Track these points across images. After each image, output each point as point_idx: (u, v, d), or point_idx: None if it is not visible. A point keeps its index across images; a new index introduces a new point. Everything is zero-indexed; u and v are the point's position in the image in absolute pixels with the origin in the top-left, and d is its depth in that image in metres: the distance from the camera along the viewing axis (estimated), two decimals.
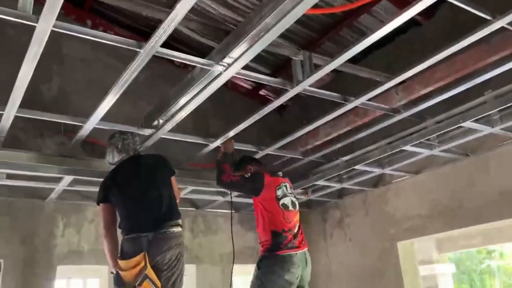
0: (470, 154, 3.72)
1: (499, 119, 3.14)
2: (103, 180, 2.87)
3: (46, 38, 1.92)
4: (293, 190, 3.36)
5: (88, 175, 3.32)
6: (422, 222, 4.04)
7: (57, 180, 3.41)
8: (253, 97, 5.41)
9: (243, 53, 2.23)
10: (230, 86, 5.12)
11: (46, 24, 1.83)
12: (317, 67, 2.55)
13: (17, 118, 2.69)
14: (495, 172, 3.57)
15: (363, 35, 4.14)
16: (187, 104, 2.77)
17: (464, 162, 3.77)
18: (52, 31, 1.90)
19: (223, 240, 4.62)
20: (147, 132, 3.14)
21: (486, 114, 2.99)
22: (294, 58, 2.58)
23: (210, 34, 4.41)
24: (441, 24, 3.82)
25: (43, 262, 3.70)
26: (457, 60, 2.65)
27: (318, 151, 3.74)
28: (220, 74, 2.42)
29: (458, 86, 2.76)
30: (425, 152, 3.57)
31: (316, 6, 2.01)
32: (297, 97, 2.89)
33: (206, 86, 2.56)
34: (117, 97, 2.53)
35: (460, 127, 3.16)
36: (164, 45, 2.13)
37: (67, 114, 3.07)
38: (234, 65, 2.31)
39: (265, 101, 5.36)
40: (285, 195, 3.18)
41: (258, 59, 3.89)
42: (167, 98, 2.95)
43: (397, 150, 3.45)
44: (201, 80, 2.53)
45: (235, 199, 3.97)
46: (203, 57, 2.38)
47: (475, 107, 3.00)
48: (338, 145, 3.62)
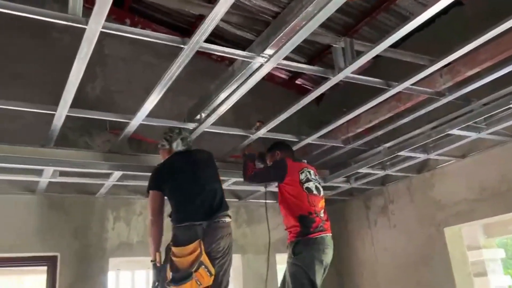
0: None
1: None
2: (155, 169, 3.04)
3: (96, 39, 1.99)
4: (318, 178, 3.47)
5: (135, 170, 3.43)
6: (469, 207, 3.94)
7: (107, 176, 3.54)
8: (289, 87, 5.41)
9: (284, 43, 2.23)
10: (267, 77, 5.05)
11: (96, 25, 1.89)
12: (358, 53, 2.52)
13: (66, 117, 2.80)
14: None
15: (402, 18, 4.13)
16: (229, 97, 2.81)
17: None
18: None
19: (266, 229, 4.68)
20: (190, 126, 3.20)
21: None
22: (334, 45, 2.56)
23: (246, 26, 4.43)
24: (482, 3, 3.68)
25: (96, 255, 3.86)
26: (501, 41, 2.55)
27: (359, 138, 3.69)
28: (261, 66, 2.43)
29: (504, 67, 2.65)
30: (472, 135, 3.47)
31: None
32: (334, 84, 2.87)
33: (248, 78, 2.58)
34: (162, 93, 2.59)
35: (509, 108, 3.05)
36: None
37: (110, 112, 3.18)
38: (275, 56, 2.32)
39: (302, 90, 5.35)
40: (308, 180, 3.30)
41: (293, 48, 3.88)
42: (209, 92, 2.99)
43: (443, 134, 3.37)
44: (242, 72, 2.55)
45: (274, 189, 4.02)
46: (238, 49, 2.39)
47: None
48: (380, 132, 3.57)
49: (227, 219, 2.86)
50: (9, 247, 3.60)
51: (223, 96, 2.84)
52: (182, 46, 2.17)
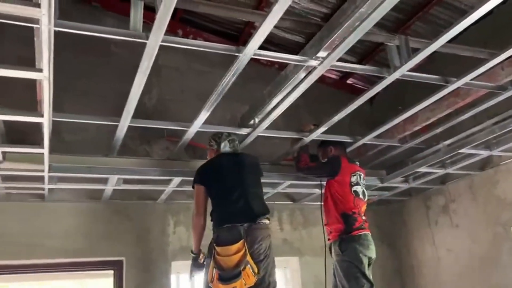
0: None
1: None
2: (202, 165, 3.17)
3: (155, 53, 2.08)
4: (365, 182, 3.58)
5: (193, 175, 3.52)
6: None
7: (167, 182, 3.67)
8: (340, 87, 5.35)
9: (338, 45, 2.23)
10: (317, 78, 5.10)
11: (156, 39, 1.97)
12: (413, 50, 2.47)
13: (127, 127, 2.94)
14: None
15: (456, 11, 3.99)
16: (282, 101, 2.83)
17: None
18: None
19: (322, 231, 4.66)
20: (244, 131, 3.25)
21: None
22: (389, 43, 2.52)
23: (294, 30, 4.45)
24: None
25: (159, 259, 4.00)
26: None
27: (417, 136, 3.60)
28: (314, 69, 2.44)
29: None
30: None
31: None
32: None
33: (301, 82, 2.60)
34: (217, 101, 2.66)
35: None
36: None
37: (166, 120, 3.30)
38: (328, 58, 2.32)
39: (353, 90, 5.29)
40: (357, 183, 3.42)
41: None
42: (262, 97, 3.04)
43: (506, 130, 3.22)
44: (295, 76, 2.57)
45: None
46: (286, 52, 2.41)
47: None
48: (439, 129, 3.46)
49: (267, 221, 2.96)
50: (78, 252, 3.79)
51: (276, 100, 2.87)
52: (237, 54, 2.22)
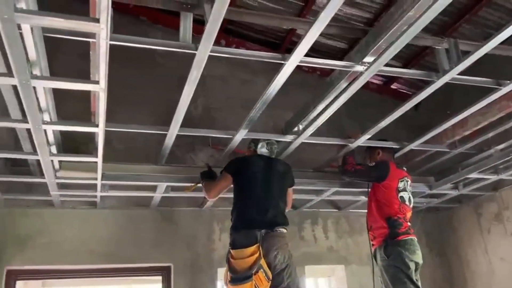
0: None
1: None
2: (236, 157, 3.28)
3: (204, 63, 2.14)
4: (412, 188, 3.54)
5: None
6: None
7: None
8: (384, 92, 5.27)
9: (384, 50, 2.21)
10: None
11: (205, 50, 2.02)
12: (463, 53, 2.42)
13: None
14: None
15: (506, 12, 3.85)
16: (327, 107, 2.83)
17: None
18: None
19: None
20: (288, 138, 3.25)
21: None
22: (437, 47, 2.47)
23: (336, 35, 4.43)
24: None
25: (205, 265, 4.06)
26: None
27: (467, 142, 3.49)
28: (361, 74, 2.43)
29: None
30: None
31: None
32: None
33: (347, 88, 2.59)
34: (263, 108, 2.69)
35: None
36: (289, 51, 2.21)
37: (211, 128, 3.38)
38: (375, 63, 2.30)
39: (398, 95, 5.20)
40: (404, 189, 3.38)
41: None
42: (306, 104, 3.04)
43: None
44: (340, 82, 2.56)
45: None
46: (327, 57, 2.40)
47: None
48: (491, 134, 3.35)
49: (284, 230, 2.97)
50: (127, 258, 3.91)
51: (321, 107, 2.87)
52: (283, 62, 2.24)
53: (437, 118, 3.15)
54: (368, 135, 3.19)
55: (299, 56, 2.17)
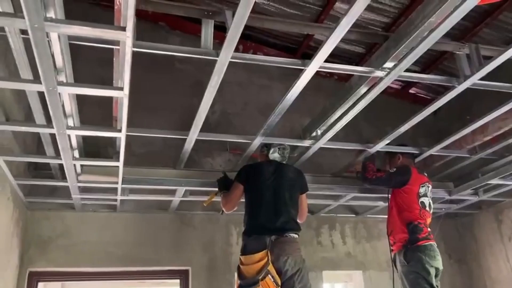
0: None
1: None
2: (247, 164, 3.29)
3: (225, 69, 2.16)
4: (432, 195, 3.53)
5: None
6: None
7: None
8: (402, 97, 5.24)
9: (406, 55, 2.20)
10: None
11: (226, 56, 2.05)
12: (484, 58, 2.40)
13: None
14: None
15: None
16: (346, 112, 2.82)
17: None
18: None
19: (388, 245, 4.56)
20: (306, 143, 3.26)
21: None
22: (458, 52, 2.46)
23: (354, 40, 4.42)
24: None
25: (223, 269, 4.07)
26: None
27: (487, 147, 3.45)
28: (381, 80, 2.42)
29: None
30: None
31: None
32: None
33: (366, 93, 2.58)
34: (282, 113, 2.70)
35: None
36: (307, 56, 2.21)
37: (228, 133, 3.43)
38: (396, 69, 2.29)
39: (417, 99, 5.16)
40: (425, 195, 3.36)
41: None
42: (324, 109, 3.04)
43: None
44: (360, 88, 2.56)
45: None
46: (346, 63, 2.40)
47: None
48: (511, 140, 3.30)
49: (295, 235, 2.95)
50: (146, 261, 3.94)
51: (340, 112, 2.87)
52: (303, 67, 2.25)
53: (457, 123, 3.13)
54: (387, 140, 3.18)
55: (319, 62, 2.18)
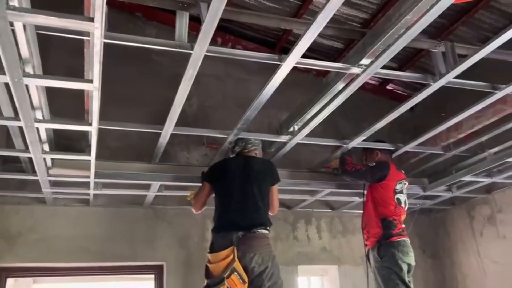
0: None
1: None
2: (214, 163, 3.23)
3: (200, 62, 2.11)
4: (407, 191, 3.58)
5: None
6: None
7: None
8: (380, 93, 5.27)
9: (382, 53, 2.20)
10: None
11: (201, 50, 2.00)
12: (460, 57, 2.41)
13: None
14: None
15: (503, 15, 3.85)
16: (323, 108, 2.82)
17: None
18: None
19: (362, 240, 4.61)
20: (283, 139, 3.23)
21: None
22: (434, 50, 2.47)
23: (332, 35, 4.41)
24: None
25: (199, 264, 3.98)
26: None
27: (461, 144, 3.50)
28: (357, 76, 2.41)
29: None
30: None
31: None
32: None
33: (343, 89, 2.58)
34: (259, 108, 2.67)
35: None
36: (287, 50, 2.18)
37: (206, 127, 3.38)
38: (372, 66, 2.29)
39: (394, 96, 5.20)
40: (401, 192, 3.40)
41: None
42: (301, 104, 3.03)
43: None
44: (336, 84, 2.55)
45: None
46: (324, 58, 2.39)
47: None
48: (485, 137, 3.36)
49: (265, 231, 2.87)
50: (121, 256, 3.88)
51: (316, 108, 2.86)
52: (279, 63, 2.22)
53: (433, 121, 3.15)
54: (364, 136, 3.19)
55: (296, 57, 2.15)
